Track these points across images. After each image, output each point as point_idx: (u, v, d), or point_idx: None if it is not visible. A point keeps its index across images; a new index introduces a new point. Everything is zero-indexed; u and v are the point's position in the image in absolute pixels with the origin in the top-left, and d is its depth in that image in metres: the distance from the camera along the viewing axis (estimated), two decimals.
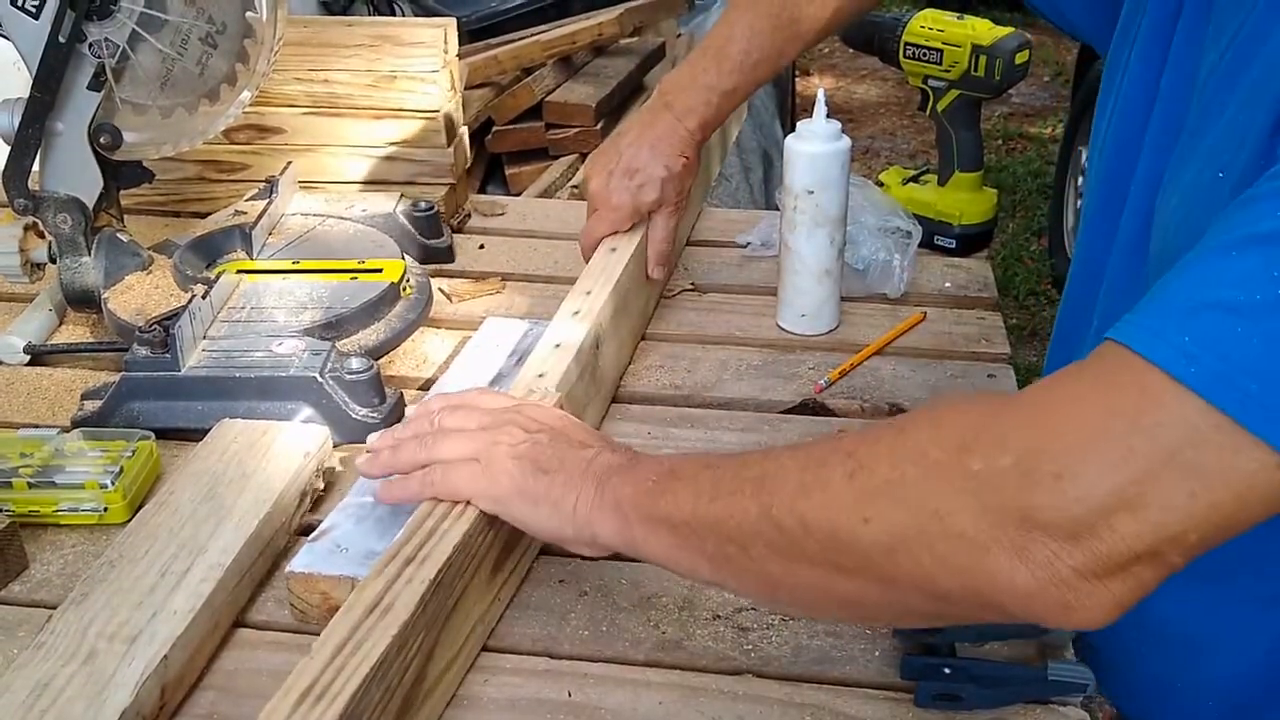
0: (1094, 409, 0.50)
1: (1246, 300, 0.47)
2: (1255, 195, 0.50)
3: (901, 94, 4.48)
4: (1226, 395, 0.47)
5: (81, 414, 0.89)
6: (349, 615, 0.60)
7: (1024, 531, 0.49)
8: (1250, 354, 0.47)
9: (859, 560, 0.54)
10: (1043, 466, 0.49)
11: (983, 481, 0.51)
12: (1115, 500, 0.48)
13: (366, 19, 1.76)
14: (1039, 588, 0.49)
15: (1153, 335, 0.49)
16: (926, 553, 0.52)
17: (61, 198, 0.98)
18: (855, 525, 0.54)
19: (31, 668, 0.64)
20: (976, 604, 0.52)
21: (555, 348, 0.84)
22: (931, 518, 0.52)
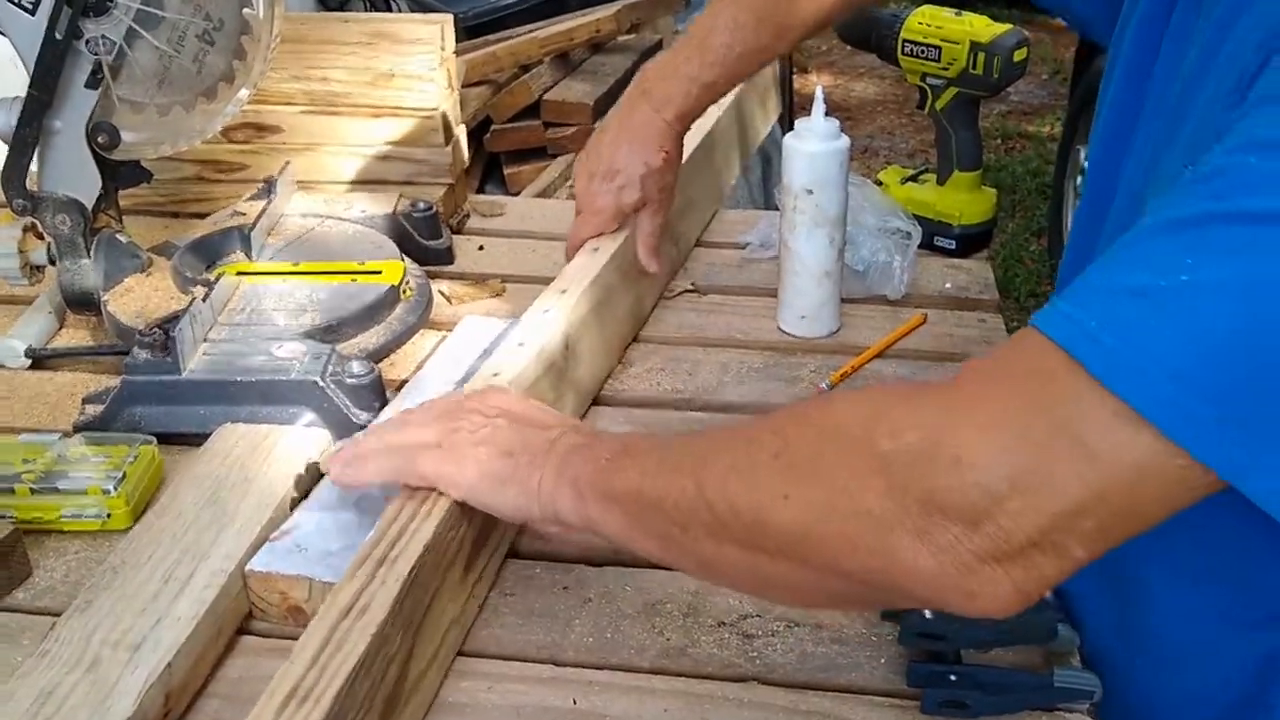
0: (998, 391, 0.50)
1: (1152, 284, 0.46)
2: (1185, 181, 0.49)
3: (900, 92, 4.47)
4: (1122, 379, 0.46)
5: (83, 418, 0.89)
6: (325, 618, 0.60)
7: (926, 514, 0.49)
8: (1155, 339, 0.46)
9: (779, 541, 0.54)
10: (944, 449, 0.49)
11: (890, 460, 0.50)
12: (1009, 484, 0.47)
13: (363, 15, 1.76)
14: (941, 572, 0.49)
15: (1063, 318, 0.48)
16: (836, 532, 0.52)
17: (60, 198, 0.98)
18: (776, 504, 0.54)
19: (35, 675, 0.64)
20: (884, 586, 0.52)
21: (518, 346, 0.84)
22: (841, 495, 0.52)
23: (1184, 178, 0.49)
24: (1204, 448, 0.46)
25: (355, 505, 0.77)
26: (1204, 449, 0.46)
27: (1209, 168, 0.48)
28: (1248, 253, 0.45)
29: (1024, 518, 0.47)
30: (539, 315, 0.88)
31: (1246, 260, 0.45)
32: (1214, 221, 0.46)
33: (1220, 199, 0.47)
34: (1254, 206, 0.45)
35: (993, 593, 0.49)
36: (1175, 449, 0.46)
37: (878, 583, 0.52)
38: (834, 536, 0.52)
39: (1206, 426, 0.45)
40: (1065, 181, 3.19)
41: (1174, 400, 0.45)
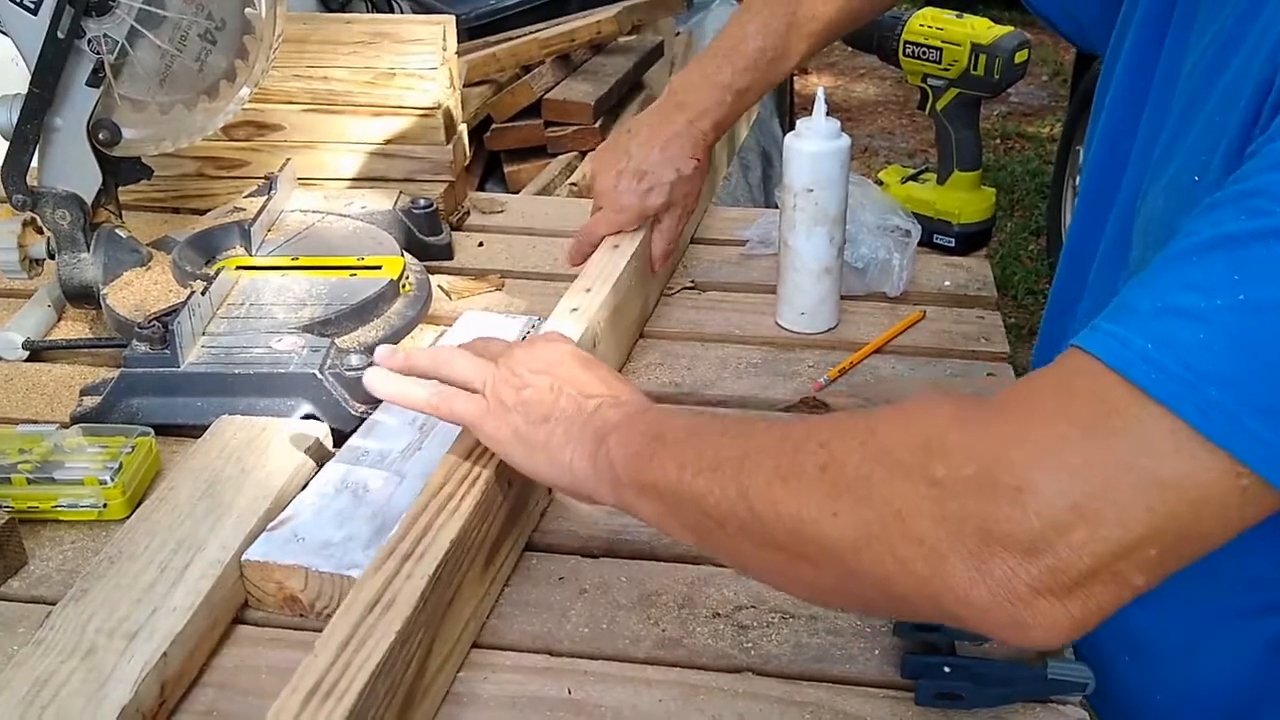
0: (1054, 418, 0.49)
1: (1208, 305, 0.46)
2: (1221, 200, 0.50)
3: (900, 92, 4.48)
4: (1186, 401, 0.46)
5: (81, 410, 0.89)
6: (350, 613, 0.60)
7: (983, 544, 0.48)
8: (1211, 359, 0.46)
9: (824, 552, 0.54)
10: (1003, 478, 0.48)
11: (945, 489, 0.50)
12: (1073, 515, 0.47)
13: (365, 16, 1.76)
14: (995, 603, 0.48)
15: (1114, 340, 0.48)
16: (888, 554, 0.51)
17: (60, 194, 0.98)
18: (823, 519, 0.54)
19: (31, 664, 0.64)
20: (933, 611, 0.52)
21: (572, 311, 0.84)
22: (894, 519, 0.51)
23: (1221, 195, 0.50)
24: (1267, 465, 0.46)
25: (354, 495, 0.77)
26: (1267, 466, 0.46)
27: (1248, 185, 0.48)
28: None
29: (1086, 548, 0.47)
30: (567, 313, 0.89)
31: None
32: (1261, 239, 0.46)
33: (1264, 216, 0.47)
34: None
35: (1047, 625, 0.48)
36: (1240, 468, 0.46)
37: (925, 606, 0.52)
38: (886, 558, 0.51)
39: (1268, 443, 0.45)
40: (1064, 181, 3.19)
41: (1236, 418, 0.45)
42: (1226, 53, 0.58)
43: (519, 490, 0.76)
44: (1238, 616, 0.66)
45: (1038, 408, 0.50)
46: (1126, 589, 0.48)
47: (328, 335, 0.93)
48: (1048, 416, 0.49)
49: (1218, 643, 0.67)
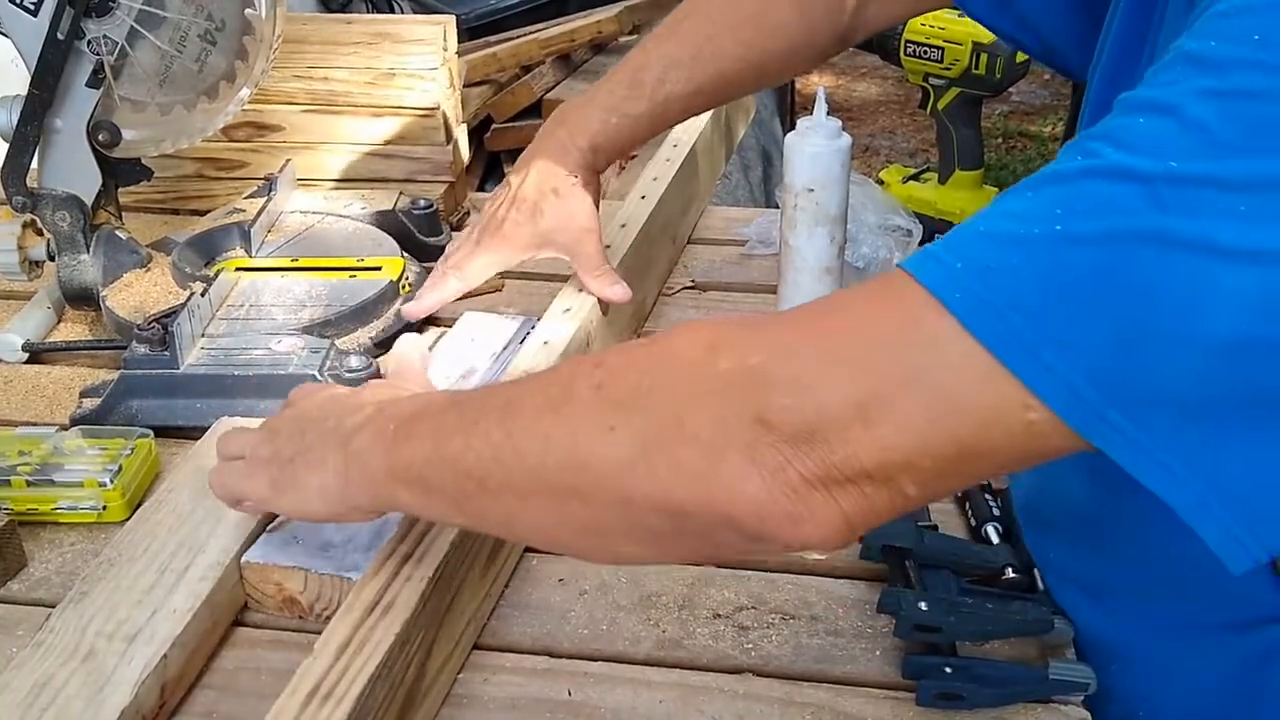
0: (852, 320, 0.49)
1: (1025, 232, 0.45)
2: (1069, 145, 0.48)
3: (902, 92, 4.47)
4: (987, 324, 0.45)
5: (80, 412, 0.89)
6: (350, 615, 0.60)
7: (759, 434, 0.47)
8: (1019, 286, 0.45)
9: (598, 480, 0.51)
10: (787, 368, 0.48)
11: (728, 381, 0.49)
12: (852, 411, 0.46)
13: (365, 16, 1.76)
14: (768, 495, 0.47)
15: (932, 260, 0.47)
16: (664, 460, 0.49)
17: (60, 195, 0.98)
18: (598, 437, 0.51)
19: (30, 666, 0.64)
20: (711, 518, 0.49)
21: (543, 344, 0.84)
22: (673, 421, 0.49)
23: (1071, 142, 0.49)
24: (1057, 398, 0.44)
25: None
26: (1057, 400, 0.44)
27: (1093, 130, 0.48)
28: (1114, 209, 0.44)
29: (863, 447, 0.46)
30: (560, 313, 0.88)
31: (1113, 217, 0.44)
32: (1087, 175, 0.46)
33: (1094, 157, 0.46)
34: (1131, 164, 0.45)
35: (820, 519, 0.47)
36: (1030, 399, 0.45)
37: (704, 514, 0.49)
38: (662, 466, 0.49)
39: (1066, 380, 0.44)
40: None
41: (1034, 349, 0.44)
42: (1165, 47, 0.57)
43: None
44: (1222, 631, 0.66)
45: (839, 310, 0.51)
46: (900, 497, 0.48)
47: (327, 336, 0.93)
48: (846, 318, 0.49)
49: (1202, 657, 0.66)
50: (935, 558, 0.71)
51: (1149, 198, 0.44)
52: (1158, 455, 0.45)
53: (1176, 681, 0.68)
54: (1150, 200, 0.44)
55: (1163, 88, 0.46)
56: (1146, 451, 0.45)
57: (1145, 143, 0.45)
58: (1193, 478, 0.45)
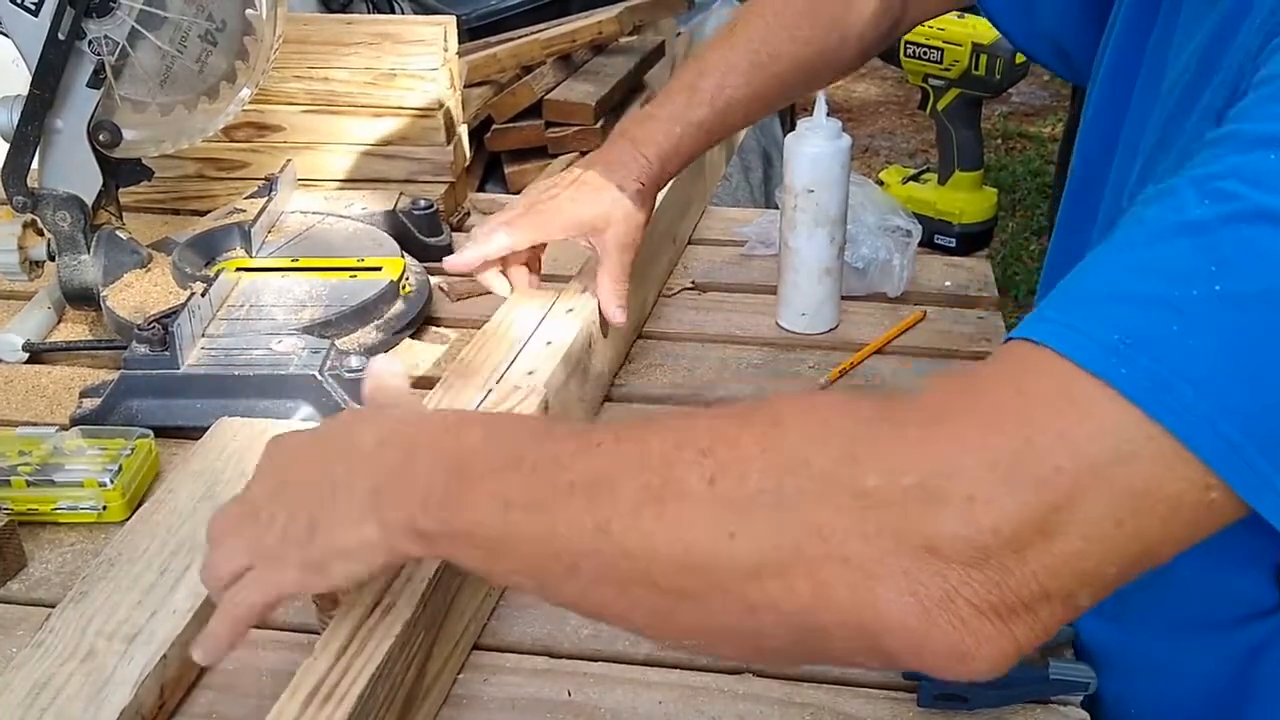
0: (1009, 419, 0.43)
1: (1181, 295, 0.41)
2: (1175, 186, 0.45)
3: (901, 93, 4.47)
4: (1162, 403, 0.40)
5: (80, 412, 0.89)
6: (350, 615, 0.60)
7: (922, 562, 0.41)
8: (1187, 355, 0.41)
9: (714, 582, 0.45)
10: (952, 488, 0.42)
11: (879, 501, 0.43)
12: (1033, 530, 0.41)
13: (366, 17, 1.76)
14: (931, 627, 0.42)
15: (1075, 332, 0.42)
16: (804, 578, 0.43)
17: (60, 195, 0.98)
18: (717, 542, 0.45)
19: (30, 666, 0.64)
20: (855, 643, 0.44)
21: (546, 344, 0.84)
22: (814, 538, 0.43)
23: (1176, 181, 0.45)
24: (1237, 474, 0.41)
25: None
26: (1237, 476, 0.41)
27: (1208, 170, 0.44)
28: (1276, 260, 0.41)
29: (1044, 566, 0.41)
30: (562, 314, 0.88)
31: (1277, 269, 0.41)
32: (1231, 224, 0.42)
33: (1232, 200, 0.42)
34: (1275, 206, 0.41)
35: (990, 652, 0.42)
36: (1211, 478, 0.41)
37: (847, 637, 0.44)
38: (799, 583, 0.43)
39: (1241, 451, 0.41)
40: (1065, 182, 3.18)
41: (1211, 422, 0.40)
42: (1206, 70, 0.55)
43: None
44: (1210, 630, 0.65)
45: (987, 406, 0.44)
46: (1072, 610, 0.43)
47: (328, 337, 0.93)
48: (1001, 417, 0.43)
49: (1190, 656, 0.66)
50: None
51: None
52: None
53: (1168, 680, 0.68)
54: None
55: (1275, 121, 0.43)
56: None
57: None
58: None
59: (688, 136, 0.88)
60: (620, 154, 0.88)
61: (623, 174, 0.87)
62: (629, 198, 0.87)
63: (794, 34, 0.88)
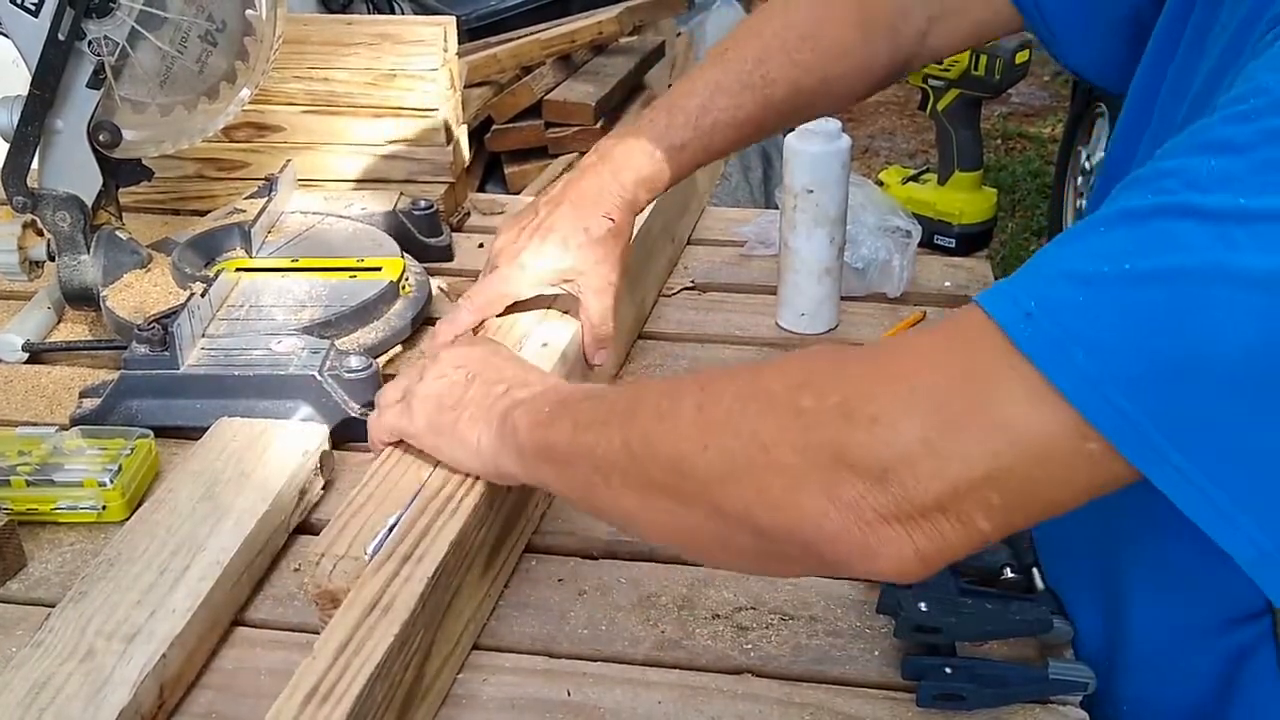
0: (927, 359, 0.51)
1: (1096, 271, 0.47)
2: (1140, 177, 0.49)
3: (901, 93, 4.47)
4: (1051, 359, 0.46)
5: (80, 412, 0.89)
6: (349, 614, 0.60)
7: (836, 471, 0.50)
8: (1085, 323, 0.46)
9: (697, 489, 0.56)
10: (863, 408, 0.50)
11: (809, 418, 0.52)
12: (920, 448, 0.48)
13: (366, 17, 1.76)
14: (844, 528, 0.50)
15: (1005, 298, 0.49)
16: (751, 484, 0.53)
17: (60, 195, 0.98)
18: (696, 453, 0.55)
19: (30, 666, 0.64)
20: (792, 543, 0.53)
21: (542, 347, 0.84)
22: (760, 450, 0.53)
23: (1142, 173, 0.49)
24: (1119, 433, 0.46)
25: None
26: (1119, 434, 0.46)
27: (1164, 165, 0.49)
28: (1185, 248, 0.45)
29: (931, 482, 0.49)
30: (559, 316, 0.88)
31: (1183, 255, 0.45)
32: (1159, 214, 0.47)
33: (1167, 195, 0.47)
34: (1200, 202, 0.46)
35: (893, 553, 0.50)
36: (1089, 431, 0.46)
37: (786, 539, 0.53)
38: (748, 489, 0.53)
39: (1125, 413, 0.46)
40: (1065, 182, 3.19)
41: (1096, 383, 0.46)
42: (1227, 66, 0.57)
43: (518, 492, 0.76)
44: (1201, 632, 0.66)
45: (914, 350, 0.53)
46: (973, 530, 0.49)
47: (327, 337, 0.93)
48: (919, 357, 0.52)
49: (1180, 657, 0.66)
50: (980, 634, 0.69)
51: (1216, 236, 0.44)
52: (1210, 493, 0.46)
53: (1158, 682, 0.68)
54: (1219, 237, 0.44)
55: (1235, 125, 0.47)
56: (1199, 488, 0.46)
57: (1215, 181, 0.45)
58: (1243, 517, 0.46)
59: (668, 162, 0.84)
60: (593, 185, 0.84)
61: (591, 211, 0.83)
62: (596, 241, 0.82)
63: (794, 58, 0.84)
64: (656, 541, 0.67)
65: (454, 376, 0.71)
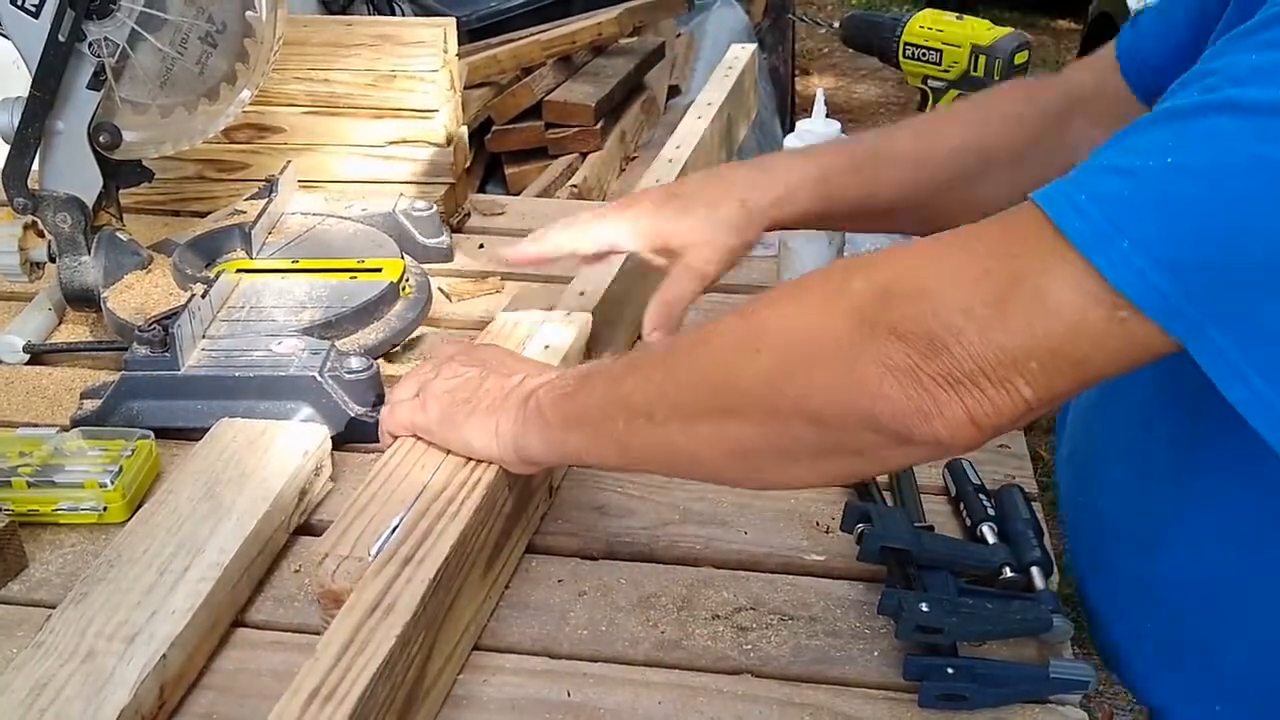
0: (976, 243, 0.54)
1: (1141, 165, 0.49)
2: (1186, 79, 0.52)
3: (901, 94, 4.48)
4: (1100, 250, 0.49)
5: (81, 413, 0.89)
6: (350, 616, 0.60)
7: (890, 341, 0.53)
8: (1130, 214, 0.49)
9: (746, 395, 0.58)
10: (909, 282, 0.53)
11: (860, 297, 0.54)
12: (963, 319, 0.51)
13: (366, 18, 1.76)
14: (900, 393, 0.53)
15: (1057, 192, 0.51)
16: (805, 371, 0.56)
17: (61, 197, 0.98)
18: (747, 358, 0.58)
19: (30, 667, 0.64)
20: (851, 421, 0.55)
21: (544, 349, 0.84)
22: (813, 335, 0.56)
23: (1188, 74, 0.52)
24: (1162, 314, 0.49)
25: None
26: (1162, 315, 0.49)
27: (1209, 65, 0.51)
28: (1226, 139, 0.48)
29: (974, 349, 0.51)
30: (561, 317, 0.88)
31: (1224, 147, 0.48)
32: (1201, 112, 0.49)
33: (1211, 91, 0.49)
34: (1239, 96, 0.48)
35: (948, 415, 0.52)
36: (1120, 299, 0.49)
37: (844, 418, 0.55)
38: (803, 373, 0.56)
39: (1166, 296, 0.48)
40: None
41: (1141, 271, 0.48)
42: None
43: (520, 493, 0.76)
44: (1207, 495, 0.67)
45: (969, 235, 0.55)
46: (1018, 398, 0.52)
47: (328, 338, 0.93)
48: (970, 239, 0.54)
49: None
50: (934, 558, 0.71)
51: (1254, 130, 0.47)
52: (1240, 367, 0.49)
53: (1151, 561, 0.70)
54: (1255, 132, 0.47)
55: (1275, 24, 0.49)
56: (1233, 365, 0.49)
57: (1255, 75, 0.48)
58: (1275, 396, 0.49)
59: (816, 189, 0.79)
60: (737, 168, 0.83)
61: (725, 189, 0.79)
62: (722, 216, 0.77)
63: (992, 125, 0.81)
64: (709, 473, 0.66)
65: (468, 373, 0.72)
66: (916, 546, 0.71)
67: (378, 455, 0.74)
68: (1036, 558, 0.72)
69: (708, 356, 0.60)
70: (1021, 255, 0.51)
